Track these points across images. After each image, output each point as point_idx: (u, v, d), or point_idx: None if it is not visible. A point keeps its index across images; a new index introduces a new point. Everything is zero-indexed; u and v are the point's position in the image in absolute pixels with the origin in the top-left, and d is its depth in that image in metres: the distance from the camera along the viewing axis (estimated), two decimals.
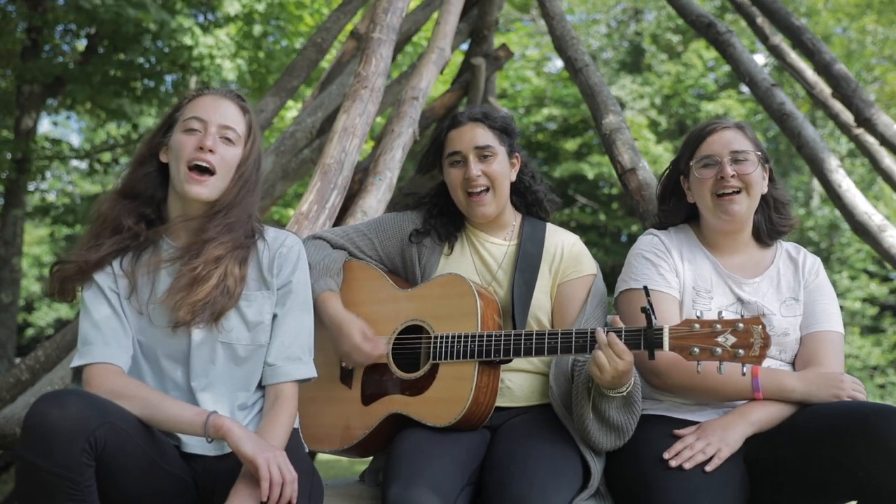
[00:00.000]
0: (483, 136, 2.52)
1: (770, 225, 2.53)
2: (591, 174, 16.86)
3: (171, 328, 2.10)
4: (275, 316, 2.21)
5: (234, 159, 2.18)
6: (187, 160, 2.12)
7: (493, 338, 2.29)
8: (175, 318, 2.08)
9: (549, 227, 2.62)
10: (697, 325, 2.09)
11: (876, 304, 17.38)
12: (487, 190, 2.50)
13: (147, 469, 1.95)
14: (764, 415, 2.26)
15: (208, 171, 2.13)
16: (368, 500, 2.42)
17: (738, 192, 2.42)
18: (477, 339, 2.30)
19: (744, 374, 2.11)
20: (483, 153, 2.51)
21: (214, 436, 1.95)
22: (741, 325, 2.06)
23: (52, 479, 1.77)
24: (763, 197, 2.51)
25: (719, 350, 2.07)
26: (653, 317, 2.11)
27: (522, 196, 2.64)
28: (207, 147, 2.12)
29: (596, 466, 2.27)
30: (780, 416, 2.27)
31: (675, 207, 2.59)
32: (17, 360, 8.01)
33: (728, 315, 2.39)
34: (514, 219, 2.63)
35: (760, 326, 2.05)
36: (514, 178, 2.60)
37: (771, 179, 2.53)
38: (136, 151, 2.26)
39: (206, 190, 2.13)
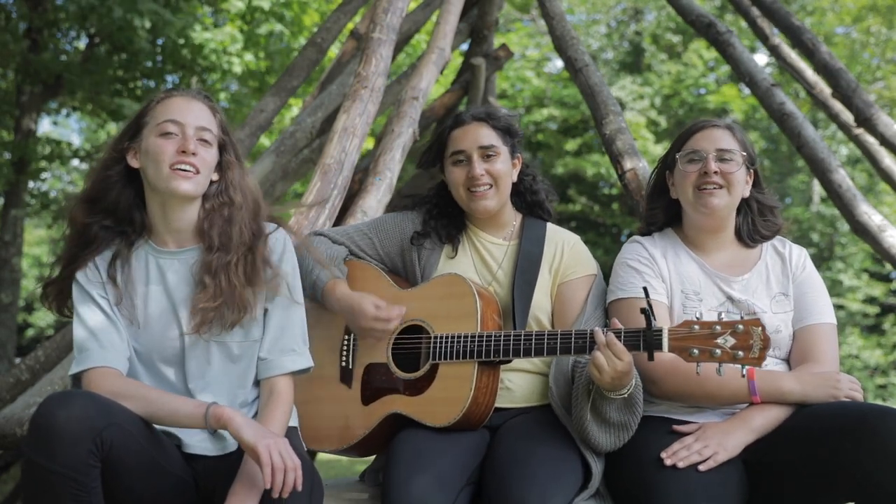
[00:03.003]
0: (487, 135, 2.52)
1: (752, 227, 2.53)
2: (590, 172, 16.86)
3: (171, 333, 2.11)
4: (266, 310, 2.20)
5: (213, 159, 2.18)
6: (170, 163, 2.09)
7: (493, 338, 2.29)
8: (194, 325, 2.08)
9: (550, 227, 2.61)
10: (697, 327, 2.09)
11: (876, 304, 17.38)
12: (490, 186, 2.50)
13: (150, 469, 1.95)
14: (765, 420, 2.26)
15: (192, 172, 2.12)
16: (368, 500, 2.42)
17: (718, 188, 2.42)
18: (476, 339, 2.30)
19: (743, 376, 2.11)
20: (487, 153, 2.51)
21: (216, 426, 1.95)
22: (741, 326, 2.06)
23: (57, 479, 1.77)
24: (746, 201, 2.52)
25: (718, 351, 2.06)
26: (652, 318, 2.11)
27: (522, 197, 2.64)
28: (190, 151, 2.10)
29: (596, 467, 2.27)
30: (781, 419, 2.27)
31: (661, 204, 2.59)
32: (17, 360, 8.01)
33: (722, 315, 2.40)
34: (514, 218, 2.62)
35: (760, 328, 2.05)
36: (515, 178, 2.59)
37: (756, 184, 2.53)
38: (102, 155, 2.23)
39: (192, 185, 2.12)
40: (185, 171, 2.10)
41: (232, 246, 2.13)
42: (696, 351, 2.08)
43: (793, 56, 6.11)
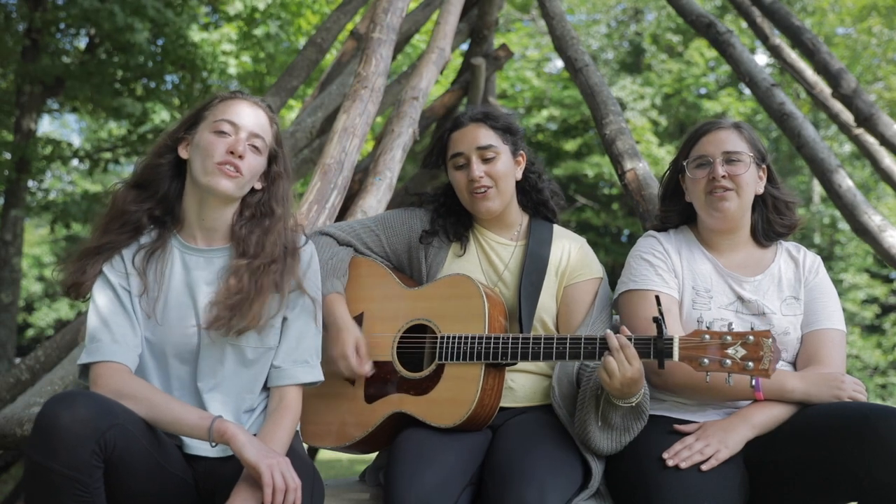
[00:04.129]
0: (485, 136, 2.51)
1: (766, 225, 2.53)
2: (591, 173, 16.87)
3: (188, 329, 2.11)
4: (284, 319, 2.21)
5: (259, 167, 2.21)
6: (217, 160, 2.12)
7: (501, 341, 2.28)
8: (208, 320, 2.09)
9: (557, 229, 2.61)
10: (708, 336, 2.09)
11: (876, 304, 17.38)
12: (491, 188, 2.50)
13: (152, 470, 1.95)
14: (766, 417, 2.26)
15: (235, 173, 2.14)
16: (369, 500, 2.42)
17: (728, 191, 2.42)
18: (484, 341, 2.29)
19: (752, 386, 2.11)
20: (485, 154, 2.50)
21: (218, 440, 1.95)
22: (752, 337, 2.06)
23: (61, 480, 1.77)
24: (762, 197, 2.51)
25: (729, 362, 2.06)
26: (664, 326, 2.11)
27: (528, 195, 2.63)
28: (239, 153, 2.13)
29: (597, 467, 2.27)
30: (782, 417, 2.27)
31: (676, 207, 2.59)
32: (17, 360, 8.01)
33: (730, 316, 2.39)
34: (520, 218, 2.62)
35: (771, 339, 2.05)
36: (519, 176, 2.58)
37: (770, 180, 2.53)
38: (157, 142, 2.27)
39: (232, 185, 2.14)
40: (229, 170, 2.12)
41: (264, 255, 2.15)
42: (706, 361, 2.08)
43: (793, 56, 6.12)
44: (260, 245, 2.16)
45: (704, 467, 2.14)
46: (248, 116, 2.19)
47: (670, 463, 2.15)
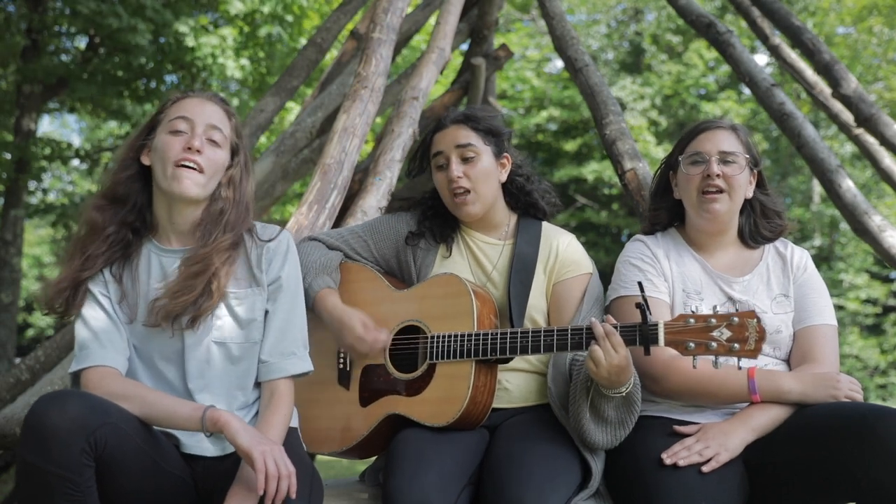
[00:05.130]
0: (465, 135, 2.50)
1: (754, 228, 2.54)
2: (590, 178, 16.87)
3: (147, 327, 2.10)
4: (266, 312, 2.20)
5: (221, 161, 2.18)
6: (175, 160, 2.10)
7: (489, 336, 2.28)
8: (151, 321, 2.08)
9: (545, 226, 2.60)
10: (692, 320, 2.09)
11: (877, 304, 17.38)
12: (469, 192, 2.49)
13: (147, 469, 1.94)
14: (766, 419, 2.26)
15: (196, 171, 2.12)
16: (368, 500, 2.42)
17: (720, 192, 2.42)
18: (473, 338, 2.30)
19: (740, 369, 2.11)
20: (465, 153, 2.49)
21: (212, 429, 1.94)
22: (736, 318, 2.06)
23: (51, 479, 1.77)
24: (749, 201, 2.52)
25: (714, 344, 2.06)
26: (647, 312, 2.11)
27: (516, 197, 2.62)
28: (195, 147, 2.11)
29: (596, 466, 2.26)
30: (781, 419, 2.27)
31: (665, 203, 2.60)
32: (17, 360, 8.01)
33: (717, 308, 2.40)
34: (508, 218, 2.61)
35: (755, 320, 2.05)
36: (503, 178, 2.58)
37: (760, 185, 2.53)
38: (119, 154, 2.25)
39: (195, 187, 2.12)
40: (188, 167, 2.10)
41: (209, 243, 2.12)
42: (692, 344, 2.08)
43: (793, 56, 6.11)
44: (209, 233, 2.14)
45: (705, 469, 2.13)
46: (202, 110, 2.17)
47: (668, 462, 2.15)
